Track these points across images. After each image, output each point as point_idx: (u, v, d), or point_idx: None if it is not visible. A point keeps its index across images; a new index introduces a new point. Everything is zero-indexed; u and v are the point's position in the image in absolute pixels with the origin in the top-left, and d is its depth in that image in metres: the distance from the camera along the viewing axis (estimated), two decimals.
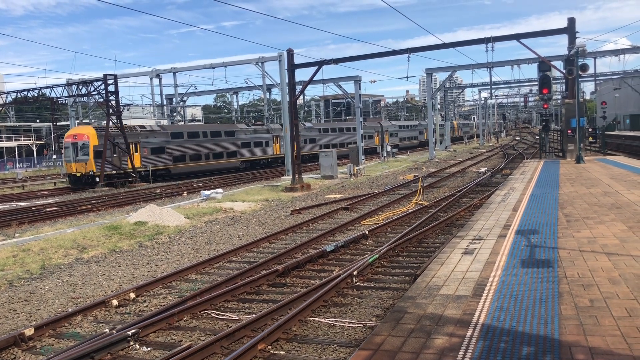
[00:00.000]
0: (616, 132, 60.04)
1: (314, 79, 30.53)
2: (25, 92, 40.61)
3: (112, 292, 10.78)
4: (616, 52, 43.87)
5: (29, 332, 8.27)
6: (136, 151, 38.33)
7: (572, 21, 26.97)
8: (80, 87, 37.82)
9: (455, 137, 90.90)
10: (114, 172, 36.62)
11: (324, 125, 62.74)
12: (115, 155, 36.72)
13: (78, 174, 35.73)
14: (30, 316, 9.61)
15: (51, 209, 25.51)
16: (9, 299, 10.67)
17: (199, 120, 79.88)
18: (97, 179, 35.28)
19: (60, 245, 15.16)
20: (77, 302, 10.33)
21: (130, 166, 37.16)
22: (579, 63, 25.11)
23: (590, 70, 40.43)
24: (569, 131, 28.60)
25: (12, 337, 8.09)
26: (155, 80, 50.20)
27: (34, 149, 66.54)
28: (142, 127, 40.67)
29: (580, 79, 28.26)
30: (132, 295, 10.20)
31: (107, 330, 8.17)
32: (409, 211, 18.13)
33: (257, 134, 48.70)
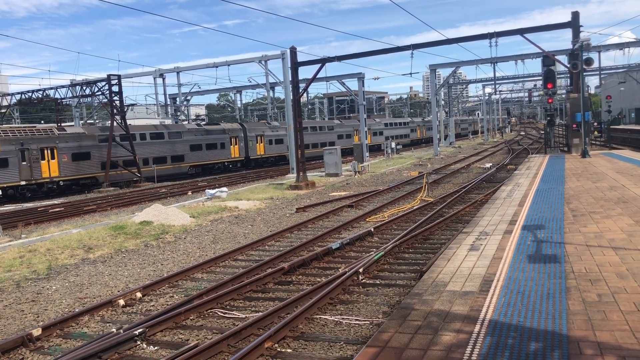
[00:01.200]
0: (622, 126, 59.78)
1: (317, 76, 30.48)
2: (30, 94, 40.72)
3: (118, 291, 10.81)
4: (621, 46, 43.65)
5: (37, 332, 8.29)
6: (52, 158, 33.04)
7: (576, 15, 26.84)
8: (84, 87, 37.91)
9: (445, 135, 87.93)
10: (22, 182, 31.38)
11: (305, 124, 56.30)
12: (24, 163, 31.49)
13: None
14: (38, 316, 9.64)
15: (57, 209, 25.60)
16: (16, 299, 10.71)
17: (203, 120, 79.94)
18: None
19: (66, 245, 15.20)
20: (84, 302, 10.36)
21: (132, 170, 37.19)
22: (584, 57, 25.00)
23: (595, 64, 40.34)
24: (574, 125, 28.47)
25: (20, 338, 8.12)
26: (159, 80, 50.23)
27: None
28: (60, 128, 36.12)
29: (584, 73, 28.11)
30: (139, 294, 10.22)
31: (114, 329, 8.19)
32: (414, 208, 18.10)
33: (210, 135, 43.77)
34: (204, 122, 51.67)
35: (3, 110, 45.46)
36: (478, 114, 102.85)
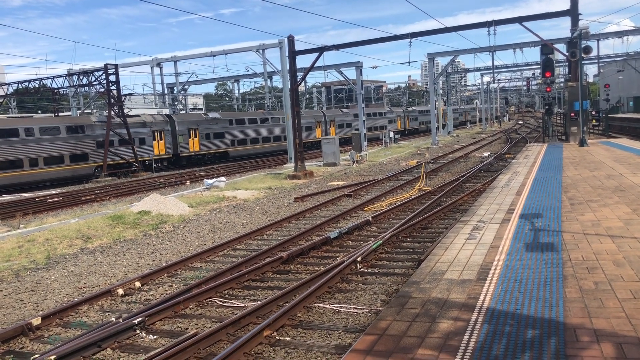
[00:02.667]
0: (620, 115, 59.79)
1: (315, 65, 30.37)
2: (27, 83, 40.55)
3: (117, 281, 10.84)
4: (619, 34, 43.54)
5: (36, 321, 8.33)
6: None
7: (574, 3, 26.75)
8: (81, 77, 37.73)
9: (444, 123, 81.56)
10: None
11: (237, 116, 49.21)
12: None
13: None
14: (37, 306, 9.67)
15: (55, 199, 25.59)
16: (15, 289, 10.74)
17: (201, 109, 79.67)
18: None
19: (64, 235, 15.22)
20: (83, 291, 10.39)
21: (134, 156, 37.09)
22: (582, 45, 24.93)
23: (594, 53, 40.15)
24: (572, 114, 28.48)
25: (20, 327, 8.15)
26: (156, 70, 49.99)
27: None
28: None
29: (583, 62, 28.07)
30: (138, 284, 10.25)
31: (113, 319, 8.22)
32: (412, 197, 18.12)
33: (124, 129, 37.01)
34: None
35: (0, 100, 45.26)
36: (476, 102, 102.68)
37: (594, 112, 49.62)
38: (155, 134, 39.99)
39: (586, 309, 5.64)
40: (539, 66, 44.31)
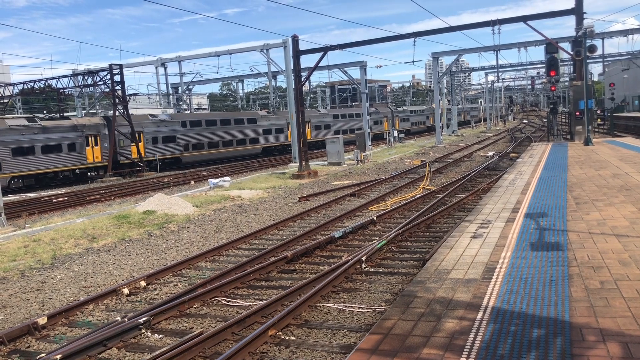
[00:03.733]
0: (625, 114, 59.50)
1: (320, 65, 30.41)
2: (32, 84, 40.69)
3: (122, 280, 10.87)
4: (624, 33, 43.38)
5: (42, 321, 8.36)
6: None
7: (579, 2, 26.66)
8: (86, 77, 37.87)
9: (429, 126, 77.15)
10: None
11: (192, 117, 44.42)
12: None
13: None
14: (43, 305, 9.71)
15: (60, 199, 25.68)
16: (21, 288, 10.78)
17: (205, 109, 79.77)
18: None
19: (70, 235, 15.27)
20: (88, 291, 10.42)
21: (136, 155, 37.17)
22: (587, 44, 24.84)
23: (598, 51, 40.03)
24: (577, 113, 28.38)
25: (26, 326, 8.18)
26: (161, 70, 50.23)
27: None
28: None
29: (588, 60, 27.97)
30: (143, 283, 10.27)
31: (118, 318, 8.24)
32: (417, 196, 18.10)
33: (48, 133, 32.50)
34: (45, 117, 39.17)
35: (5, 101, 45.44)
36: (481, 102, 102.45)
37: (599, 111, 49.47)
38: (90, 138, 35.20)
39: (592, 309, 5.62)
40: (544, 65, 44.19)
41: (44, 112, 66.81)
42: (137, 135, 37.41)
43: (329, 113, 57.93)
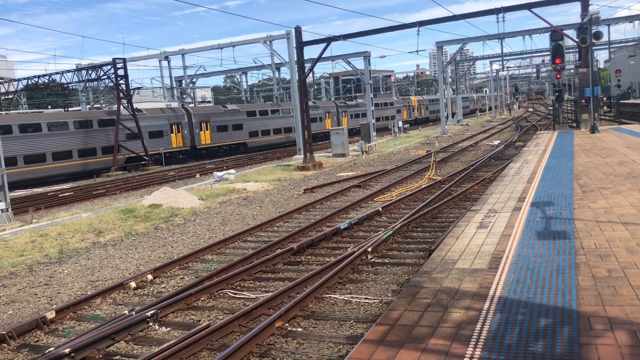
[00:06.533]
0: (631, 101, 59.07)
1: (323, 56, 30.26)
2: (36, 79, 40.75)
3: (129, 274, 10.91)
4: (630, 19, 42.92)
5: (51, 315, 8.41)
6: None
7: None
8: (89, 72, 37.87)
9: (416, 119, 73.39)
10: None
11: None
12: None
13: None
14: (51, 300, 9.77)
15: (66, 194, 25.78)
16: (29, 283, 10.85)
17: (209, 102, 79.74)
18: None
19: (76, 229, 15.33)
20: (95, 285, 10.47)
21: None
22: (593, 31, 24.64)
23: (604, 38, 39.72)
24: (583, 101, 28.19)
25: (35, 321, 8.23)
26: (164, 63, 50.08)
27: None
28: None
29: (593, 47, 27.74)
30: (150, 277, 10.31)
31: (126, 311, 8.28)
32: (422, 187, 18.06)
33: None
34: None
35: (10, 96, 45.57)
36: (485, 90, 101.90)
37: (605, 99, 49.11)
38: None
39: (599, 297, 5.60)
40: (549, 53, 43.90)
41: (48, 107, 66.94)
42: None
43: (287, 108, 50.37)
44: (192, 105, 51.64)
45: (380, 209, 14.41)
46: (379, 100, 66.10)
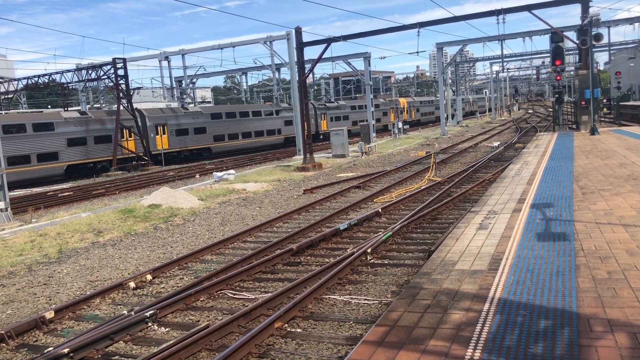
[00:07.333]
0: (631, 103, 59.06)
1: (323, 56, 30.24)
2: (36, 79, 40.73)
3: (129, 274, 10.90)
4: (631, 21, 43.00)
5: (50, 315, 8.40)
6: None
7: None
8: (89, 71, 37.86)
9: (405, 121, 66.44)
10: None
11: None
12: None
13: None
14: (50, 299, 9.75)
15: (66, 194, 25.76)
16: (28, 283, 10.84)
17: (209, 102, 79.73)
18: None
19: (76, 229, 15.32)
20: (95, 285, 10.46)
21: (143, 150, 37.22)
22: (593, 32, 24.64)
23: (604, 40, 39.72)
24: (583, 102, 28.20)
25: (34, 320, 8.22)
26: (164, 63, 50.10)
27: None
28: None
29: (594, 49, 27.74)
30: (149, 277, 10.30)
31: (125, 312, 8.27)
32: (422, 188, 18.06)
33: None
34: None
35: (10, 96, 45.55)
36: (485, 92, 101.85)
37: (605, 100, 49.12)
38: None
39: (599, 299, 5.59)
40: (549, 54, 43.85)
41: (48, 106, 66.89)
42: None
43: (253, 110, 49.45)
44: (163, 106, 47.43)
45: (380, 210, 14.41)
46: (359, 102, 63.91)
